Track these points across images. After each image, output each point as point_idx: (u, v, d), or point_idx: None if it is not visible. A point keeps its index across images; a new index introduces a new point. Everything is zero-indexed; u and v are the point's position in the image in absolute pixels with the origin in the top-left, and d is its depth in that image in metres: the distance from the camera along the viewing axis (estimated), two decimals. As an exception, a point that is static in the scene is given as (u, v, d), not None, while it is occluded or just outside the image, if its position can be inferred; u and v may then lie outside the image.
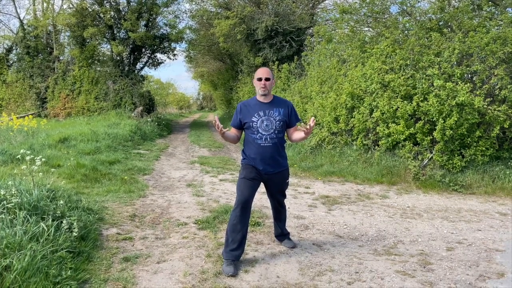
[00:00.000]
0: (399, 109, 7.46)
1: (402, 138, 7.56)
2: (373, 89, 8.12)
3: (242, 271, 3.56)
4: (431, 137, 7.28)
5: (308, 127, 3.43)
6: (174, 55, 23.07)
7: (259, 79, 3.71)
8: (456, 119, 6.79)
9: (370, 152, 8.27)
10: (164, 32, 21.69)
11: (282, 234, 4.23)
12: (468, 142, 7.10)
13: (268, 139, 3.68)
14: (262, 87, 3.69)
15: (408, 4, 9.44)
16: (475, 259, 3.93)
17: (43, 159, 4.78)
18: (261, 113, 3.70)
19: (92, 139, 10.97)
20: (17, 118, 12.31)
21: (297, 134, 3.78)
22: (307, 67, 12.63)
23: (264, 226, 4.79)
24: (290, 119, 3.80)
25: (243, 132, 3.91)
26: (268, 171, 3.77)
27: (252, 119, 3.69)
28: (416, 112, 7.41)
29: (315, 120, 3.41)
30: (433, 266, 3.72)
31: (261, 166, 3.73)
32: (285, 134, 3.87)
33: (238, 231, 3.64)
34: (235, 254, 3.62)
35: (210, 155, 11.27)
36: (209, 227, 4.71)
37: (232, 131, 3.86)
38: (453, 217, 5.33)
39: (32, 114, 19.11)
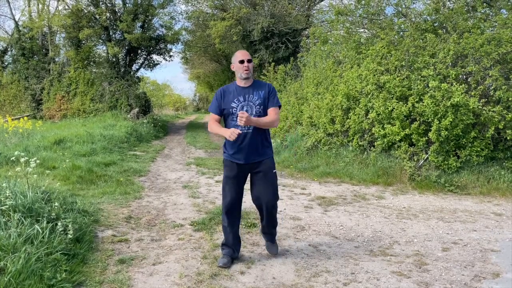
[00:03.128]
0: (394, 110, 7.48)
1: (397, 139, 7.58)
2: (369, 90, 8.14)
3: (238, 272, 3.55)
4: (426, 138, 7.31)
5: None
6: (170, 56, 23.07)
7: (241, 61, 3.49)
8: (451, 120, 6.82)
9: (366, 153, 8.29)
10: (160, 33, 21.67)
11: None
12: (463, 142, 7.13)
13: (249, 125, 3.44)
14: (246, 70, 3.48)
15: (403, 6, 9.49)
16: (470, 259, 3.94)
17: (38, 161, 4.75)
18: (241, 98, 3.51)
19: (88, 141, 10.92)
20: (12, 119, 12.24)
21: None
22: (303, 68, 12.66)
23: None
24: (269, 101, 3.56)
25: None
26: (249, 160, 3.54)
27: (232, 105, 3.50)
28: (412, 113, 7.44)
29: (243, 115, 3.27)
30: (428, 267, 3.73)
31: (242, 156, 3.52)
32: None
33: (228, 233, 3.72)
34: (229, 252, 3.73)
35: (206, 156, 11.25)
36: (205, 229, 4.70)
37: (214, 118, 3.64)
38: (448, 218, 5.35)
39: (27, 116, 18.99)
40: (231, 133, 3.34)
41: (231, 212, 3.64)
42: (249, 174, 3.67)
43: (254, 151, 3.54)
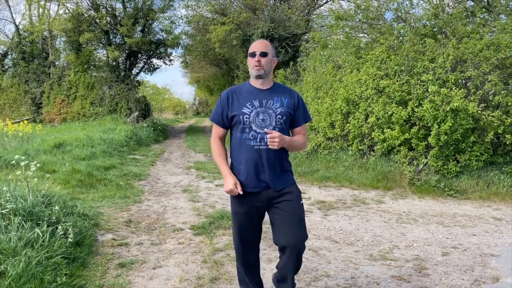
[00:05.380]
0: (394, 114, 7.50)
1: (397, 143, 7.60)
2: (368, 95, 8.17)
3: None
4: (426, 142, 7.32)
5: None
6: (170, 60, 23.13)
7: (252, 55, 2.67)
8: (450, 124, 6.84)
9: (365, 157, 8.30)
10: (160, 37, 21.73)
11: None
12: (463, 147, 7.14)
13: (265, 140, 2.58)
14: (256, 66, 2.63)
15: (403, 11, 9.53)
16: (470, 264, 3.94)
17: (38, 165, 4.77)
18: (256, 102, 2.63)
19: (88, 145, 10.93)
20: (12, 123, 12.25)
21: (297, 138, 2.71)
22: (302, 72, 12.68)
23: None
24: (296, 114, 2.72)
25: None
26: (267, 187, 2.64)
27: (244, 110, 2.62)
28: (411, 118, 7.46)
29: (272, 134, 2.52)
30: (428, 271, 3.74)
31: (255, 181, 2.62)
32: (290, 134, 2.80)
33: (247, 285, 2.92)
34: None
35: (206, 160, 11.26)
36: (205, 233, 4.71)
37: (217, 133, 2.76)
38: (448, 222, 5.35)
39: (27, 119, 19.02)
40: (229, 189, 2.58)
41: (250, 263, 2.81)
42: (267, 208, 2.73)
43: (273, 174, 2.65)
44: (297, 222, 2.64)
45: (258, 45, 2.69)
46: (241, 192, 2.55)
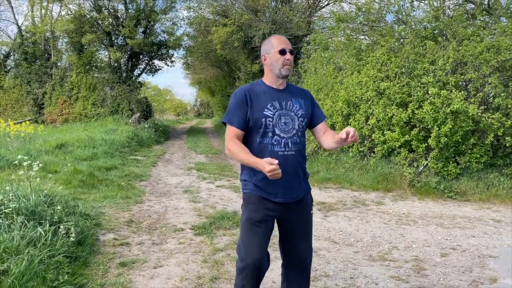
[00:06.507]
0: (394, 116, 7.53)
1: (397, 145, 7.63)
2: (369, 97, 8.20)
3: (238, 276, 3.59)
4: (426, 144, 7.35)
5: (344, 137, 2.19)
6: (172, 61, 23.18)
7: (282, 52, 2.39)
8: (450, 126, 6.87)
9: (366, 159, 8.33)
10: (162, 39, 21.80)
11: None
12: (463, 149, 7.17)
13: (290, 145, 2.37)
14: (288, 65, 2.40)
15: (404, 13, 9.56)
16: (468, 265, 3.97)
17: (40, 165, 4.81)
18: (276, 104, 2.39)
19: (89, 145, 10.97)
20: (14, 123, 12.31)
21: (331, 136, 2.44)
22: (303, 74, 12.72)
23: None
24: (315, 113, 2.54)
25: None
26: (288, 199, 2.40)
27: (265, 112, 2.36)
28: (411, 120, 7.49)
29: (353, 133, 2.17)
30: (427, 272, 3.77)
31: (279, 191, 2.37)
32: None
33: None
34: None
35: (207, 161, 11.29)
36: (205, 233, 4.74)
37: (235, 134, 2.40)
38: (447, 224, 5.38)
39: (29, 120, 19.09)
40: (271, 167, 2.13)
41: (256, 273, 2.42)
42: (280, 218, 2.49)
43: (296, 184, 2.42)
44: (307, 234, 2.51)
45: (286, 42, 2.44)
46: (276, 161, 2.15)
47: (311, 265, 2.56)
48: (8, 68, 26.59)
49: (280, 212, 2.41)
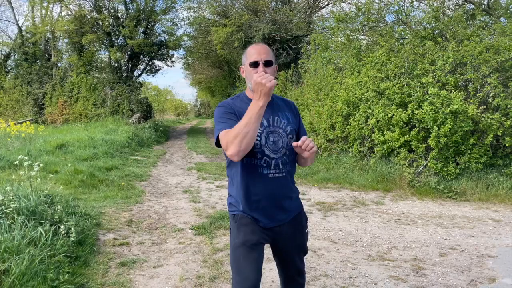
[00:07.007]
0: (394, 116, 7.54)
1: (397, 145, 7.64)
2: (369, 97, 8.21)
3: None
4: (425, 145, 7.37)
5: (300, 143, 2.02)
6: (172, 62, 23.23)
7: (254, 64, 2.08)
8: (450, 126, 6.88)
9: (365, 159, 8.34)
10: (162, 39, 21.84)
11: None
12: (462, 149, 7.18)
13: (280, 166, 2.15)
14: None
15: (403, 14, 9.59)
16: (467, 264, 3.98)
17: (40, 165, 4.83)
18: (264, 121, 2.13)
19: (90, 145, 11.00)
20: (15, 124, 12.34)
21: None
22: (303, 74, 12.74)
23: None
24: (300, 128, 2.32)
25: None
26: (280, 220, 2.22)
27: None
28: (411, 120, 7.50)
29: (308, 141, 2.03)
30: (426, 271, 3.78)
31: (269, 215, 2.19)
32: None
33: None
34: None
35: (207, 161, 11.31)
36: (205, 233, 4.76)
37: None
38: (447, 224, 5.39)
39: (29, 120, 19.11)
40: (261, 76, 1.91)
41: None
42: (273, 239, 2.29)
43: (287, 205, 2.25)
44: (300, 253, 2.37)
45: (259, 51, 2.11)
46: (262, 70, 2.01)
47: (304, 276, 2.46)
48: (9, 68, 26.63)
49: (270, 234, 2.22)
